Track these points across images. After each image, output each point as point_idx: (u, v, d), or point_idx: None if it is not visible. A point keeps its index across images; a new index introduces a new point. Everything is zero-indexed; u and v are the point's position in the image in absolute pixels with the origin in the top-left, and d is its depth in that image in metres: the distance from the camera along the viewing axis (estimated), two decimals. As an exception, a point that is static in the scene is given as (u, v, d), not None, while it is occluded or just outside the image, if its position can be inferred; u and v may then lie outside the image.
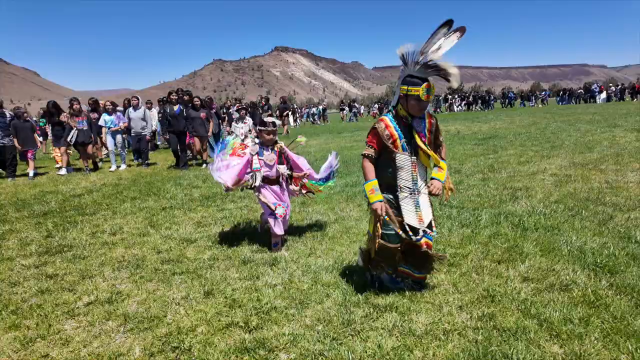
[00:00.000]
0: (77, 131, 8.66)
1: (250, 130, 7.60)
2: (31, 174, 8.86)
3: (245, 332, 2.44)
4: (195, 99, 8.76)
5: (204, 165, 8.78)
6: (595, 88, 32.57)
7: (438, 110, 31.27)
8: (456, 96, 33.13)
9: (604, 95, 31.19)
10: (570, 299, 2.55)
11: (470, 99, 32.45)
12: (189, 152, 9.69)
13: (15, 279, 3.36)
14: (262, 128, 3.65)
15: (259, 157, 3.66)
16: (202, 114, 8.64)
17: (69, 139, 8.69)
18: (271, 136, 3.67)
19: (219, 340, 2.36)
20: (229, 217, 4.87)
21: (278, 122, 7.48)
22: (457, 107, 32.30)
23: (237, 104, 13.17)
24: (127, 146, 11.28)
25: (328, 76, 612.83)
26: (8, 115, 9.59)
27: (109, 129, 9.38)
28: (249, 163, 3.66)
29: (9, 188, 7.72)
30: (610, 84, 35.44)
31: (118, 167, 9.48)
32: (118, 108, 10.88)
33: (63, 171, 9.08)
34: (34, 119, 19.42)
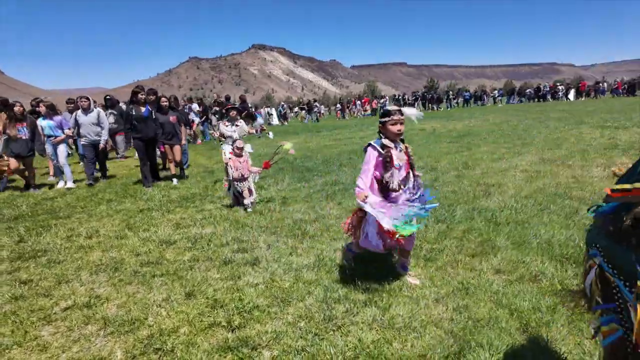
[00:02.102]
0: (8, 139, 6.68)
1: (247, 133, 6.46)
2: None
3: (228, 331, 2.47)
4: (163, 99, 7.22)
5: (175, 180, 7.17)
6: (545, 88, 33.98)
7: None
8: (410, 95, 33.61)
9: (572, 92, 32.58)
10: (539, 289, 2.69)
11: (427, 98, 32.87)
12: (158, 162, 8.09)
13: (-13, 286, 3.26)
14: (386, 119, 2.80)
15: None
16: (172, 117, 7.20)
17: None
18: (398, 127, 2.79)
19: (202, 341, 2.38)
20: (208, 218, 4.86)
21: (260, 121, 6.98)
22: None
23: (228, 104, 10.99)
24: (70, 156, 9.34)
25: (306, 74, 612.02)
26: None
27: (48, 137, 7.21)
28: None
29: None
30: (559, 83, 36.91)
31: (64, 182, 7.35)
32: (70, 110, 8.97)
33: None
34: None
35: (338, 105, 35.08)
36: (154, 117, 6.92)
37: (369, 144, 2.89)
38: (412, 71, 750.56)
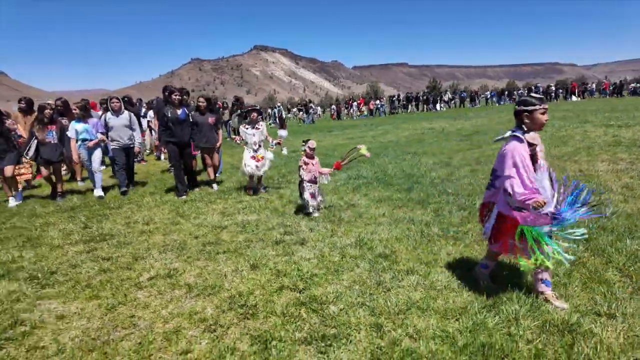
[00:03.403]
0: (37, 143, 6.17)
1: (266, 139, 6.15)
2: None
3: (296, 292, 2.96)
4: (200, 100, 6.70)
5: (215, 186, 6.69)
6: (538, 89, 34.42)
7: (400, 110, 32.05)
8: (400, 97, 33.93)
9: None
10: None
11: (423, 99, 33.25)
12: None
13: (73, 262, 3.76)
14: (535, 107, 2.51)
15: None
16: (211, 119, 6.58)
17: (27, 154, 6.23)
18: (546, 116, 2.56)
19: (277, 299, 2.87)
20: (249, 207, 5.35)
21: (282, 134, 6.42)
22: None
23: (247, 105, 10.40)
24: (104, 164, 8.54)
25: (308, 75, 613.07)
26: None
27: (82, 142, 6.38)
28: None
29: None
30: (551, 84, 37.34)
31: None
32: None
33: (13, 202, 6.21)
34: None
35: (333, 107, 35.10)
36: (191, 119, 6.31)
37: (514, 136, 2.56)
38: (413, 71, 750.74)
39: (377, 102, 32.95)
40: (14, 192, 6.29)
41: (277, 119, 28.68)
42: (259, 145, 5.99)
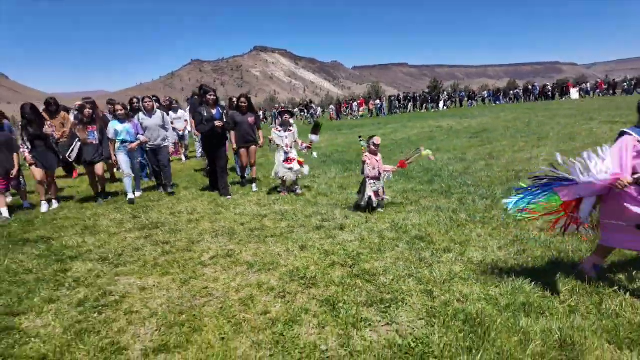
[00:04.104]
0: (79, 145, 6.04)
1: (302, 143, 6.08)
2: (4, 212, 5.56)
3: (347, 267, 3.32)
4: (242, 100, 6.55)
5: (254, 186, 6.61)
6: (535, 89, 34.80)
7: (400, 111, 32.39)
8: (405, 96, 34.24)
9: (574, 91, 33.59)
10: (575, 239, 3.53)
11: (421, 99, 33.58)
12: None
13: (135, 246, 4.13)
14: None
15: None
16: (251, 119, 6.51)
17: (70, 155, 6.04)
18: None
19: (332, 272, 3.23)
20: (282, 199, 5.71)
21: (314, 139, 6.07)
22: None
23: (280, 106, 9.80)
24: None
25: (308, 76, 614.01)
26: None
27: (122, 143, 6.23)
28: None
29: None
30: (547, 84, 37.66)
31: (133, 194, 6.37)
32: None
33: (45, 207, 5.96)
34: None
35: (332, 107, 35.26)
36: (224, 119, 6.29)
37: (623, 132, 2.62)
38: (413, 71, 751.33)
39: (377, 101, 33.31)
40: (50, 197, 6.07)
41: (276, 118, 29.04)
42: (291, 147, 5.99)
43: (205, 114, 6.14)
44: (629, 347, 2.11)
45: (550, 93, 33.51)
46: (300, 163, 5.99)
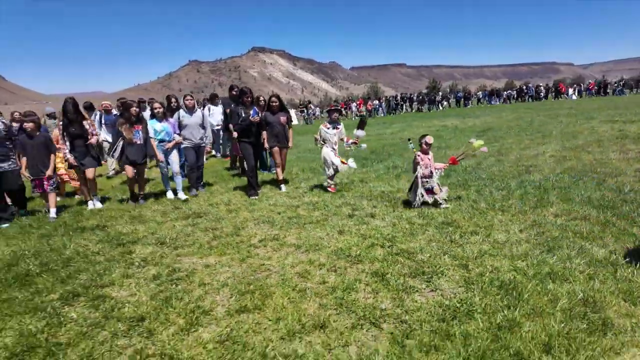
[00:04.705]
0: (123, 144, 5.93)
1: (342, 139, 6.17)
2: (53, 212, 5.55)
3: (386, 248, 3.72)
4: (273, 99, 6.54)
5: (283, 187, 6.49)
6: (530, 89, 35.32)
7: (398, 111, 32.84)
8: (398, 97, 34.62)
9: (570, 91, 34.27)
10: (588, 223, 3.95)
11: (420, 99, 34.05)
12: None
13: (185, 232, 4.52)
14: None
15: None
16: (282, 118, 6.51)
17: (113, 155, 6.12)
18: None
19: (373, 251, 3.63)
20: (309, 192, 6.11)
21: (360, 134, 6.00)
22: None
23: (331, 105, 9.30)
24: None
25: (306, 76, 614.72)
26: (1, 124, 5.62)
27: (160, 142, 6.23)
28: None
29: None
30: (540, 84, 38.18)
31: (175, 194, 6.39)
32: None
33: (92, 205, 5.98)
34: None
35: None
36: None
37: None
38: (411, 72, 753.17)
39: (376, 102, 33.77)
40: (93, 196, 6.07)
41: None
42: (336, 145, 6.10)
43: (243, 114, 6.18)
44: (641, 303, 2.53)
45: (542, 94, 34.03)
46: (342, 162, 6.04)
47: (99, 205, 6.01)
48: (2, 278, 3.48)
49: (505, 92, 37.82)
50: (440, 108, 32.53)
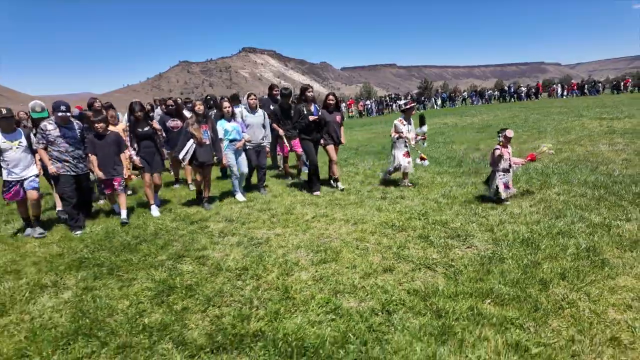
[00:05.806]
0: (194, 146, 5.52)
1: (417, 136, 6.20)
2: (124, 214, 5.21)
3: (422, 220, 4.50)
4: (330, 97, 6.48)
5: (339, 184, 6.49)
6: (511, 89, 36.47)
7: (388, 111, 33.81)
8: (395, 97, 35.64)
9: (559, 90, 35.76)
10: (586, 198, 4.78)
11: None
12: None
13: (244, 212, 5.26)
14: None
15: None
16: (338, 117, 6.47)
17: (181, 156, 5.58)
18: None
19: (412, 222, 4.41)
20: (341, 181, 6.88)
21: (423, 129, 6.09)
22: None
23: (408, 100, 8.41)
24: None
25: (297, 77, 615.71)
26: (77, 125, 5.24)
27: (231, 142, 5.97)
28: None
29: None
30: (521, 85, 39.30)
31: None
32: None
33: (156, 210, 5.60)
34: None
35: None
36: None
37: None
38: (402, 72, 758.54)
39: (367, 102, 34.84)
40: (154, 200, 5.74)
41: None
42: (413, 140, 6.16)
43: (306, 112, 6.24)
44: (629, 249, 3.35)
45: (523, 94, 35.01)
46: (423, 158, 6.17)
47: (158, 205, 5.78)
48: (110, 246, 4.20)
49: (487, 92, 38.91)
50: (427, 108, 33.60)
